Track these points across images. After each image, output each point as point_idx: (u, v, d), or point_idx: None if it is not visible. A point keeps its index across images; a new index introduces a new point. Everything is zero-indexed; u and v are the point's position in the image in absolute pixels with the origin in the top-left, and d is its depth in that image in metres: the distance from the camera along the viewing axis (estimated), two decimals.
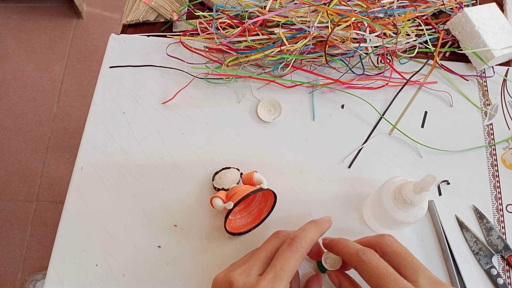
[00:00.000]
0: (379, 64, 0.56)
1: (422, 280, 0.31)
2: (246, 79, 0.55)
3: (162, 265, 0.46)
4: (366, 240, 0.37)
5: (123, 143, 0.51)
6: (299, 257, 0.33)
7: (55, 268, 0.45)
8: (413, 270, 0.32)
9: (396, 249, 0.33)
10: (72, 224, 0.47)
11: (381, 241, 0.35)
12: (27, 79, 1.45)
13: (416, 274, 0.31)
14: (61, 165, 1.32)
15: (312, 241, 0.35)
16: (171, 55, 0.56)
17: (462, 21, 0.55)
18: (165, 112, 0.53)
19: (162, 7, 0.60)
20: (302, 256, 0.33)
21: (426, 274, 0.32)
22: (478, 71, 0.57)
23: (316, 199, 0.49)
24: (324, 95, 0.54)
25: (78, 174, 0.50)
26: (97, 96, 0.54)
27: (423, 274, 0.31)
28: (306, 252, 0.34)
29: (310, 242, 0.35)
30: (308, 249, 0.34)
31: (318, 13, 0.53)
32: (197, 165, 0.50)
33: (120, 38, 0.58)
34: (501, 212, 0.49)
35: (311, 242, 0.35)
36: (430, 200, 0.48)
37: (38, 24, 1.54)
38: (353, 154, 0.51)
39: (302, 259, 0.33)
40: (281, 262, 0.32)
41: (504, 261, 0.46)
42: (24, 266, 1.19)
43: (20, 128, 1.37)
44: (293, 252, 0.33)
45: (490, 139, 0.53)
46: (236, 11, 0.56)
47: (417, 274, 0.31)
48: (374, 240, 0.36)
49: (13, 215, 1.25)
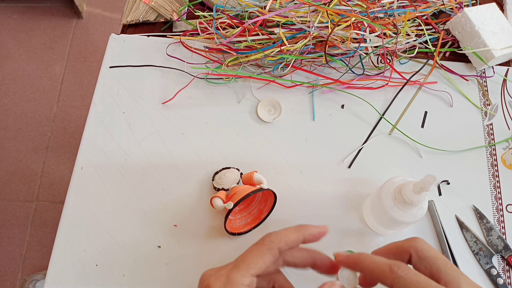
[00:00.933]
0: (379, 64, 0.56)
1: (465, 287, 0.28)
2: (246, 79, 0.55)
3: (162, 265, 0.46)
4: (395, 246, 0.33)
5: (123, 143, 0.51)
6: (264, 250, 0.32)
7: (55, 268, 0.45)
8: (454, 277, 0.29)
9: (434, 253, 0.31)
10: (72, 224, 0.47)
11: (416, 245, 0.31)
12: (27, 79, 1.45)
13: (458, 282, 0.29)
14: (61, 165, 1.32)
15: (287, 241, 0.33)
16: (171, 55, 0.56)
17: (462, 21, 0.55)
18: (165, 112, 0.53)
19: (162, 7, 0.60)
20: (269, 251, 0.32)
21: (467, 280, 0.29)
22: (478, 71, 0.57)
23: (316, 199, 0.49)
24: (324, 95, 0.54)
25: (78, 174, 0.50)
26: (97, 96, 0.54)
27: (464, 281, 0.29)
28: (274, 249, 0.32)
29: (282, 240, 0.33)
30: (278, 246, 0.32)
31: (318, 13, 0.53)
32: (197, 165, 0.50)
33: (120, 38, 0.58)
34: (501, 212, 0.49)
35: (285, 241, 0.33)
36: (430, 200, 0.48)
37: (38, 24, 1.54)
38: (353, 154, 0.51)
39: (269, 255, 0.32)
40: (244, 254, 0.32)
41: (504, 261, 0.46)
42: (24, 266, 1.19)
43: (20, 128, 1.37)
44: (259, 245, 0.32)
45: (490, 139, 0.52)
46: (236, 11, 0.56)
47: (459, 281, 0.29)
48: (407, 244, 0.32)
49: (13, 215, 1.25)
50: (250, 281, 0.30)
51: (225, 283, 0.30)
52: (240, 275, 0.30)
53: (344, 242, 0.47)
